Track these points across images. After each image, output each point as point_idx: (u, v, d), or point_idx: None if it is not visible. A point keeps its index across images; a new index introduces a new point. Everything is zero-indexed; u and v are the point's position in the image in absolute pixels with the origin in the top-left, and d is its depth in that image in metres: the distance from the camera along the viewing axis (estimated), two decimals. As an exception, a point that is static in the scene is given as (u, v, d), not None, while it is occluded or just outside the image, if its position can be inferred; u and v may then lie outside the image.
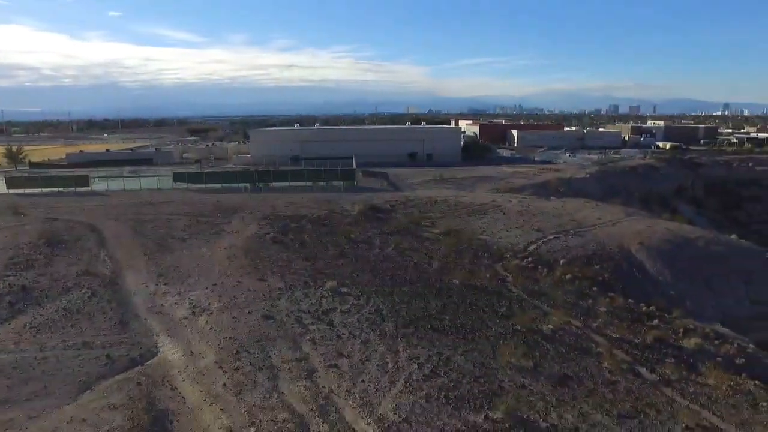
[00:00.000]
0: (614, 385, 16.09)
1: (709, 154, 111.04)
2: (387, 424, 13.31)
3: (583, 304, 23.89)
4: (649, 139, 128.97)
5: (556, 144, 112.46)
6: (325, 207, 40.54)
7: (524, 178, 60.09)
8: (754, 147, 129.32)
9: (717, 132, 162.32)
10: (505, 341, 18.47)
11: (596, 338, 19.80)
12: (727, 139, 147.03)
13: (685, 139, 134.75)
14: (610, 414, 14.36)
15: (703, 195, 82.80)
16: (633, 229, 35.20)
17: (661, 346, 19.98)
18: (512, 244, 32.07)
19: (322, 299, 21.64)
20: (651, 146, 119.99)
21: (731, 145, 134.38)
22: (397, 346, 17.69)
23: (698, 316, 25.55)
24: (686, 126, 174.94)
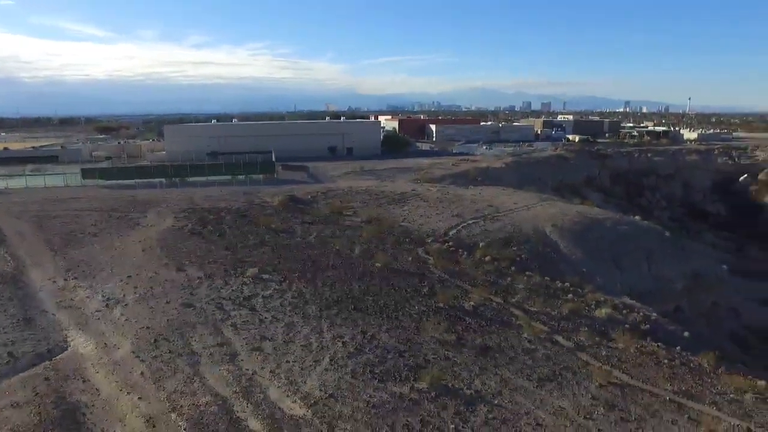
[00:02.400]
0: (533, 353, 16.70)
1: (614, 147, 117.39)
2: (313, 401, 13.19)
3: (503, 282, 24.64)
4: (559, 133, 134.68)
5: (473, 137, 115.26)
6: (245, 199, 39.72)
7: (443, 168, 61.24)
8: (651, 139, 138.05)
9: (620, 126, 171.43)
10: (428, 318, 18.75)
11: (516, 312, 20.46)
12: (628, 133, 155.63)
13: (592, 132, 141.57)
14: (530, 378, 14.90)
15: (609, 184, 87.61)
16: (547, 212, 36.69)
17: (576, 317, 20.94)
18: (433, 229, 32.60)
19: (244, 286, 21.16)
20: (562, 139, 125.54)
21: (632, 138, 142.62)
22: (321, 326, 17.57)
23: (608, 290, 26.98)
24: (593, 120, 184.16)
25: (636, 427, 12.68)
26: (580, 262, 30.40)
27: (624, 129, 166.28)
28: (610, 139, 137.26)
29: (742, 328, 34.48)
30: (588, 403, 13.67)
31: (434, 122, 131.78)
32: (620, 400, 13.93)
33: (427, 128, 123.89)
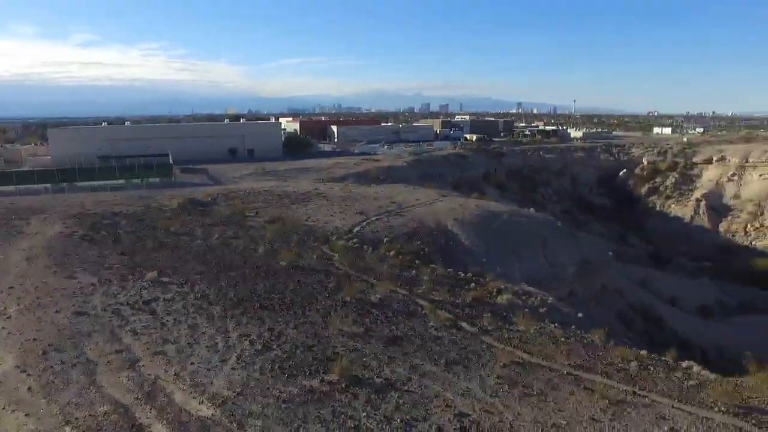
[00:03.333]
0: (440, 339, 17.15)
1: (509, 145, 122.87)
2: (221, 400, 12.82)
3: (407, 275, 25.11)
4: (458, 132, 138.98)
5: (374, 138, 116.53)
6: (141, 203, 37.91)
7: (345, 168, 61.56)
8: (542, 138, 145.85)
9: (514, 126, 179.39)
10: (335, 312, 18.76)
11: (421, 302, 20.91)
12: (522, 132, 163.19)
13: (488, 132, 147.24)
14: (438, 363, 15.30)
15: (505, 179, 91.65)
16: (448, 207, 37.83)
17: (479, 304, 21.72)
18: (337, 227, 32.68)
19: (143, 290, 20.20)
20: (460, 138, 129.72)
21: (525, 137, 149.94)
22: (226, 326, 17.12)
23: (508, 278, 28.25)
24: (489, 121, 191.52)
25: (538, 400, 13.35)
26: (481, 253, 31.58)
27: (517, 128, 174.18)
28: (505, 138, 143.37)
29: (627, 307, 37.24)
30: (493, 382, 14.24)
31: (336, 123, 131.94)
32: (523, 377, 14.61)
33: (328, 130, 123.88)
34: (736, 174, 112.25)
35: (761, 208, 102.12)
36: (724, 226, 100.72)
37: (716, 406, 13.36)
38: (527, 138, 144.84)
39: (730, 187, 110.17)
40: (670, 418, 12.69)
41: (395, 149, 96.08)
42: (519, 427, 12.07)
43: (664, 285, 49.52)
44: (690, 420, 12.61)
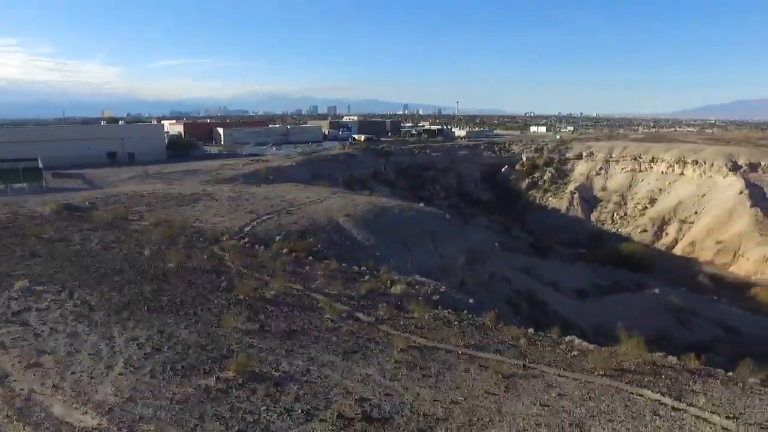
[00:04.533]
0: (337, 330, 17.14)
1: (396, 144, 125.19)
2: (108, 408, 12.01)
3: (302, 271, 24.86)
4: (346, 133, 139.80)
5: (262, 140, 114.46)
6: (7, 210, 34.68)
7: (234, 169, 59.98)
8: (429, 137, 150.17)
9: (401, 126, 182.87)
10: (229, 310, 18.22)
11: (317, 297, 20.78)
12: (409, 131, 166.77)
13: (376, 131, 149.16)
14: (336, 353, 15.27)
15: (394, 177, 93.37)
16: (339, 204, 37.90)
17: (374, 296, 21.92)
18: (227, 227, 31.72)
19: (11, 301, 18.45)
20: (348, 139, 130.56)
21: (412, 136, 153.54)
22: (111, 332, 16.06)
23: (401, 270, 28.70)
24: (376, 121, 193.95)
25: (436, 380, 13.71)
26: (374, 247, 31.92)
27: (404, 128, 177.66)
28: (392, 137, 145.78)
29: (513, 293, 39.21)
30: (392, 367, 14.44)
31: (222, 126, 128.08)
32: (420, 360, 14.94)
33: (214, 132, 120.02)
34: (602, 168, 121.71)
35: (624, 198, 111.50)
36: (595, 215, 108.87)
37: (596, 371, 14.42)
38: (414, 137, 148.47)
39: (598, 180, 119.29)
40: (557, 385, 13.51)
41: (284, 150, 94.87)
42: (419, 407, 12.33)
43: (545, 271, 52.68)
44: (574, 385, 13.51)
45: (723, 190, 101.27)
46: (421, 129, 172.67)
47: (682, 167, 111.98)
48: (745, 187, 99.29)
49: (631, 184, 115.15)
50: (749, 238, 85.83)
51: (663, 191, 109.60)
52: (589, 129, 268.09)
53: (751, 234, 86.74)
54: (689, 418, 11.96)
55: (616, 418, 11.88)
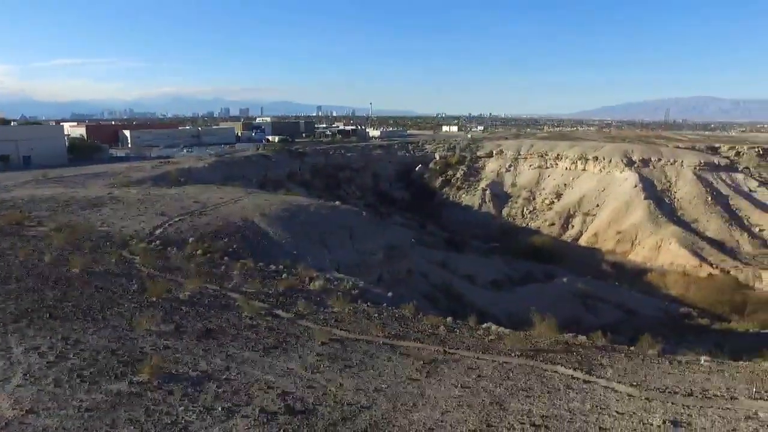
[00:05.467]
0: (256, 328, 16.79)
1: (311, 145, 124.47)
2: (5, 423, 11.12)
3: (217, 271, 24.18)
4: (260, 134, 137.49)
5: (172, 142, 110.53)
6: None
7: (142, 172, 57.44)
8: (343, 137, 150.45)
9: (315, 126, 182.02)
10: (141, 313, 17.39)
11: (234, 295, 20.29)
12: (323, 132, 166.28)
13: (290, 132, 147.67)
14: (256, 350, 14.95)
15: (310, 178, 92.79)
16: (254, 203, 37.18)
17: (293, 292, 21.69)
18: (137, 230, 30.34)
19: None
20: (262, 140, 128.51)
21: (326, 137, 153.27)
22: (8, 342, 14.89)
23: (319, 267, 28.57)
24: (290, 122, 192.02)
25: (358, 369, 13.72)
26: (291, 245, 31.56)
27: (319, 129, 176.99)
28: (307, 138, 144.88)
29: (431, 287, 39.97)
30: (314, 360, 14.30)
31: (128, 128, 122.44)
32: (342, 352, 14.90)
33: (120, 135, 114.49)
34: (512, 165, 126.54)
35: (533, 194, 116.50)
36: (506, 211, 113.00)
37: (512, 353, 14.95)
38: (328, 138, 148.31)
39: (508, 177, 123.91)
40: (477, 367, 13.88)
41: (196, 152, 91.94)
42: (342, 397, 12.28)
43: (461, 265, 54.02)
44: (493, 366, 13.93)
45: (620, 184, 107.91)
46: (335, 130, 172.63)
47: (584, 163, 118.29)
48: (639, 181, 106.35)
49: (539, 180, 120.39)
50: (644, 228, 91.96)
51: (568, 186, 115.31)
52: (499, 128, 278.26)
53: (645, 224, 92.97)
54: (599, 389, 12.66)
55: (533, 394, 12.36)
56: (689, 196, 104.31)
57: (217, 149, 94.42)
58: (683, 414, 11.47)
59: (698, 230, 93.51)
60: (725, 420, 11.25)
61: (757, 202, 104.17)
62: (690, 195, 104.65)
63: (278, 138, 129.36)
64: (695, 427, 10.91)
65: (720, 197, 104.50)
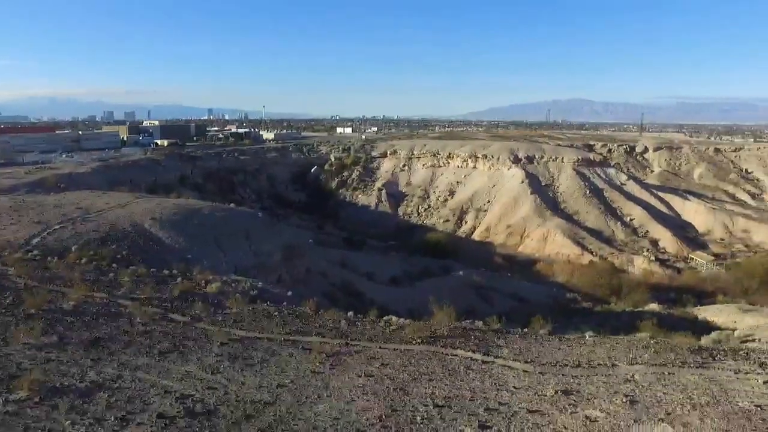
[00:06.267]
0: (150, 333, 15.99)
1: (203, 148, 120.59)
2: None
3: (105, 279, 22.81)
4: (147, 138, 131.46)
5: (49, 147, 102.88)
6: None
7: (13, 178, 53.08)
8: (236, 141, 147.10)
9: (206, 130, 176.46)
10: (17, 326, 16.02)
11: (124, 302, 19.20)
12: (215, 135, 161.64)
13: (180, 136, 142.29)
14: (150, 355, 14.24)
15: (203, 182, 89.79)
16: (144, 207, 35.40)
17: (189, 296, 20.86)
18: (10, 241, 27.92)
19: None
20: (150, 144, 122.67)
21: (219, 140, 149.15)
22: None
23: (216, 270, 27.66)
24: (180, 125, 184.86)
25: (260, 367, 13.45)
26: (185, 249, 30.39)
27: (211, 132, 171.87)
28: (198, 141, 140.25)
29: (330, 285, 39.94)
30: (213, 361, 13.85)
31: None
32: (242, 351, 14.55)
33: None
34: (406, 165, 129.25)
35: (427, 192, 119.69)
36: (402, 209, 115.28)
37: (413, 341, 15.29)
38: (221, 141, 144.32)
39: (403, 176, 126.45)
40: (379, 356, 14.05)
41: (77, 157, 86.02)
42: (245, 395, 11.99)
43: (360, 264, 54.41)
44: (395, 354, 14.17)
45: (508, 180, 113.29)
46: (228, 132, 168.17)
47: (475, 161, 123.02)
48: (526, 177, 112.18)
49: (432, 178, 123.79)
50: (531, 221, 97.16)
51: (460, 183, 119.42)
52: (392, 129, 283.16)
53: (533, 217, 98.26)
54: (497, 368, 13.24)
55: (435, 377, 12.70)
56: (570, 190, 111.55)
57: (101, 154, 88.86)
58: (572, 383, 12.26)
59: (579, 221, 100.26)
60: (608, 384, 12.17)
61: (627, 194, 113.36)
62: (571, 189, 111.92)
63: (168, 142, 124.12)
64: (583, 392, 11.69)
65: (596, 190, 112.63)
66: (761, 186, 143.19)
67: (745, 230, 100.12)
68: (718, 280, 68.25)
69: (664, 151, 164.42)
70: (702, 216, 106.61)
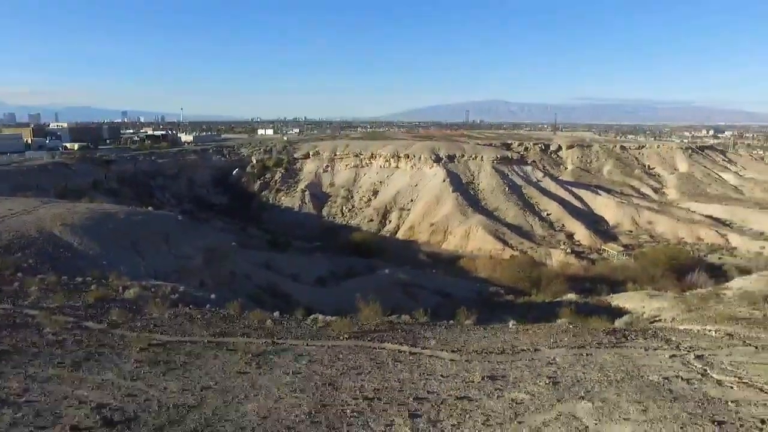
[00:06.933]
0: (62, 343, 15.06)
1: (117, 152, 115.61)
2: None
3: (9, 289, 21.28)
4: (55, 141, 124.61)
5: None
6: None
7: None
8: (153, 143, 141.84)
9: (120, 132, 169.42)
10: None
11: (31, 312, 18.00)
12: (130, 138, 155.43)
13: (92, 139, 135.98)
14: (62, 365, 13.40)
15: (118, 186, 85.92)
16: (53, 213, 33.36)
17: (104, 303, 19.81)
18: None
19: None
20: (59, 147, 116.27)
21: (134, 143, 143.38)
22: None
23: (134, 276, 26.47)
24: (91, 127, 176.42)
25: (183, 371, 12.96)
26: (99, 255, 28.90)
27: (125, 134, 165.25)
28: (112, 145, 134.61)
29: (256, 288, 39.14)
30: (132, 368, 13.22)
31: None
32: (164, 356, 13.97)
33: None
34: (329, 166, 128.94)
35: (351, 192, 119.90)
36: (326, 210, 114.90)
37: (341, 336, 15.21)
38: (136, 144, 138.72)
39: (326, 177, 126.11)
40: (307, 353, 13.87)
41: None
42: (167, 400, 11.51)
43: (285, 265, 53.69)
44: (323, 350, 14.04)
45: (430, 179, 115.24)
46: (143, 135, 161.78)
47: (397, 161, 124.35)
48: (447, 176, 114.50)
49: (356, 178, 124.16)
50: (454, 219, 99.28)
51: (383, 183, 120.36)
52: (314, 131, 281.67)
53: (455, 215, 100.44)
54: (425, 358, 13.38)
55: (364, 370, 12.68)
56: (490, 188, 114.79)
57: (1, 158, 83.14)
58: (498, 369, 12.58)
59: (499, 217, 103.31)
60: (531, 368, 12.58)
61: (544, 190, 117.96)
62: (491, 186, 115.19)
63: (78, 145, 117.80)
64: (509, 377, 12.02)
65: (515, 187, 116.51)
66: (662, 181, 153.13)
67: (650, 222, 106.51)
68: (628, 269, 72.13)
69: (576, 149, 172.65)
70: (612, 210, 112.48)
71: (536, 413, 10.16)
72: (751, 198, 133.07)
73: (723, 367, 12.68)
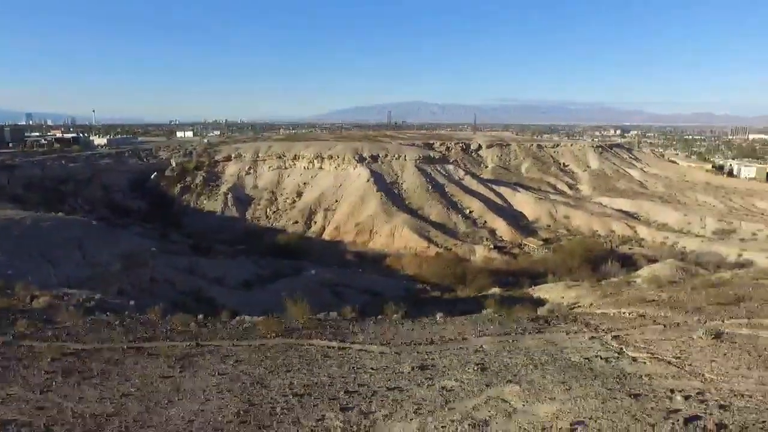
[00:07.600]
0: (-38, 357, 13.94)
1: (22, 156, 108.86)
2: None
3: None
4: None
5: None
6: None
7: None
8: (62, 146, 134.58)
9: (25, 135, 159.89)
10: None
11: (-73, 327, 16.58)
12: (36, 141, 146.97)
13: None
14: (-37, 381, 12.40)
15: (23, 192, 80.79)
16: (-51, 221, 31.01)
17: (10, 314, 18.51)
18: None
19: None
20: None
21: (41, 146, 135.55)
22: None
23: (43, 285, 24.97)
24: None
25: (101, 379, 12.27)
26: (4, 264, 27.05)
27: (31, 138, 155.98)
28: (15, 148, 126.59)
29: (178, 294, 37.79)
30: (41, 379, 12.38)
31: None
32: (79, 364, 13.18)
33: None
34: (251, 168, 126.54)
35: (275, 195, 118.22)
36: (250, 213, 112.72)
37: (268, 335, 14.92)
38: (44, 147, 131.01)
39: (249, 179, 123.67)
40: (233, 354, 13.51)
41: None
42: (83, 410, 10.85)
43: (209, 270, 52.09)
44: (250, 350, 13.72)
45: (354, 179, 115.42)
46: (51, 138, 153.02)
47: (321, 162, 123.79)
48: (371, 176, 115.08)
49: (279, 180, 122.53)
50: (379, 218, 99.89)
51: (307, 184, 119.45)
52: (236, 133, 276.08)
53: (380, 214, 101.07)
54: (354, 353, 13.33)
55: (293, 367, 12.47)
56: (413, 187, 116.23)
57: None
58: (428, 359, 12.70)
59: (424, 216, 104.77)
60: (460, 356, 12.79)
61: (466, 189, 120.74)
62: (414, 185, 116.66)
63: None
64: (438, 366, 12.16)
65: (438, 186, 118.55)
66: (576, 177, 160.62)
67: (566, 216, 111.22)
68: (547, 262, 75.04)
69: (496, 148, 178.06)
70: (530, 206, 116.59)
71: (466, 399, 10.31)
72: (654, 192, 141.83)
73: (637, 345, 13.39)
